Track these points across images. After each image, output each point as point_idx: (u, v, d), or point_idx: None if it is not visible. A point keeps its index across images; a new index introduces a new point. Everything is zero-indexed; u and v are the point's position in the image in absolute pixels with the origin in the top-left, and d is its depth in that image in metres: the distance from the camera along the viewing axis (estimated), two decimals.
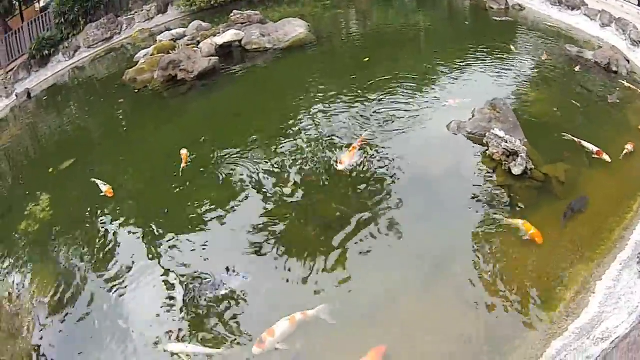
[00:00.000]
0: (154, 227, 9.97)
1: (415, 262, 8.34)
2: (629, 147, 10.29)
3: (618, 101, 12.71)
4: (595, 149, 10.34)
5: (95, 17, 22.23)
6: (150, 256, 9.27)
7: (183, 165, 11.16)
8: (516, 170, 9.70)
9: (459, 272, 8.13)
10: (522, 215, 9.05)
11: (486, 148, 10.50)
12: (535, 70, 15.04)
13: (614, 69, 14.80)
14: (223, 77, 15.93)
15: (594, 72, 14.64)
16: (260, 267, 8.63)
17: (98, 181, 11.29)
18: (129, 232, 10.10)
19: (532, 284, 7.79)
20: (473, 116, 11.72)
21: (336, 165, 10.51)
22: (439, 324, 7.31)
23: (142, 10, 23.92)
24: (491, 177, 10.05)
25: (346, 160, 10.48)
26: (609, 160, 10.08)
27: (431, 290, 7.96)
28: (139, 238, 9.83)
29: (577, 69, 14.37)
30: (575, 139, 10.62)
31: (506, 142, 10.01)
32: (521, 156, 9.76)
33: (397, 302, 7.71)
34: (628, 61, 15.56)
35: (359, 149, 10.67)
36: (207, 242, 9.38)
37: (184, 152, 11.43)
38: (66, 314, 8.51)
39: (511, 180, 9.74)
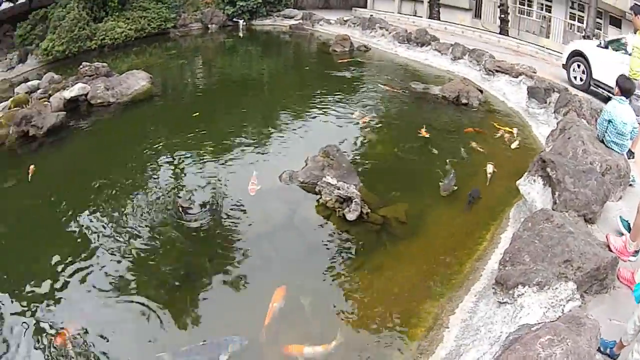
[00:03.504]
0: None
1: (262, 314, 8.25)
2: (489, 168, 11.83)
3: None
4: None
5: None
6: None
7: (30, 174, 13.34)
8: (350, 216, 10.10)
9: (306, 322, 8.14)
10: (361, 259, 9.35)
11: (319, 196, 10.91)
12: (378, 112, 16.25)
13: (464, 101, 16.24)
14: (70, 133, 16.31)
15: (442, 107, 16.17)
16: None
17: None
18: None
19: (379, 327, 7.81)
20: (306, 164, 12.09)
21: None
22: None
23: (5, 59, 24.81)
24: (326, 225, 10.38)
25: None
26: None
27: (279, 341, 7.84)
28: None
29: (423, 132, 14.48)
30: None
31: (338, 188, 10.55)
32: (355, 201, 10.22)
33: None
34: (481, 91, 17.37)
35: None
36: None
37: (32, 166, 13.57)
38: None
39: (347, 227, 10.04)
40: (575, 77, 17.40)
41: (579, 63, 17.19)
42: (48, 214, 11.89)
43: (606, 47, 16.03)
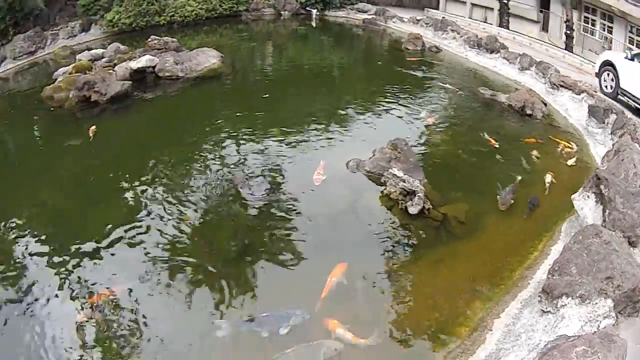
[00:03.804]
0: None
1: (315, 296, 8.66)
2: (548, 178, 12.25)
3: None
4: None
5: (24, 29, 24.12)
6: None
7: (91, 135, 14.33)
8: (412, 210, 10.55)
9: (356, 307, 8.59)
10: (418, 252, 9.88)
11: (384, 187, 11.45)
12: (445, 113, 16.67)
13: (529, 112, 16.45)
14: (134, 102, 17.25)
15: (507, 115, 16.50)
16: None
17: None
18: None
19: (426, 323, 8.21)
20: (373, 155, 12.65)
21: None
22: None
23: (66, 27, 26.00)
24: (388, 215, 10.89)
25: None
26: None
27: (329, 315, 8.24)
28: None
29: (492, 141, 14.73)
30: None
31: (404, 181, 10.97)
32: (418, 196, 10.64)
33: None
34: (545, 104, 17.42)
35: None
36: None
37: (93, 127, 14.56)
38: None
39: (408, 220, 10.55)
40: (605, 85, 17.78)
41: (609, 72, 17.56)
42: (106, 177, 12.68)
43: (632, 60, 16.46)
